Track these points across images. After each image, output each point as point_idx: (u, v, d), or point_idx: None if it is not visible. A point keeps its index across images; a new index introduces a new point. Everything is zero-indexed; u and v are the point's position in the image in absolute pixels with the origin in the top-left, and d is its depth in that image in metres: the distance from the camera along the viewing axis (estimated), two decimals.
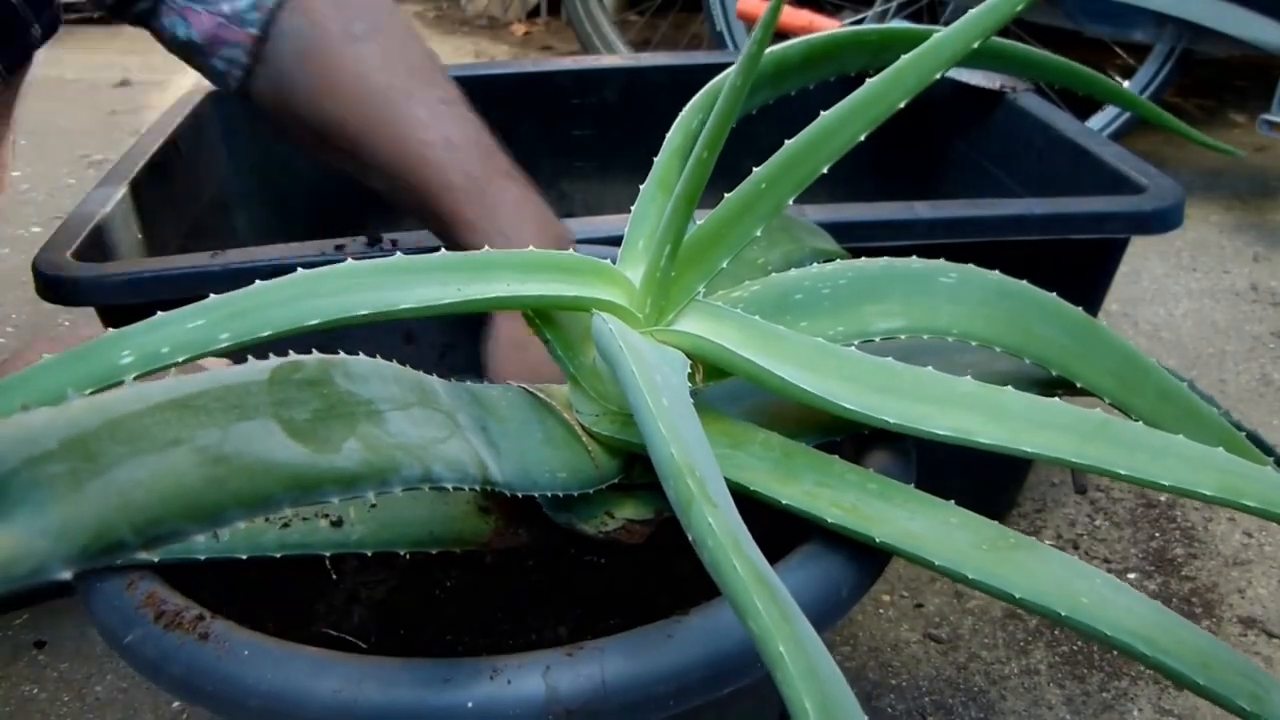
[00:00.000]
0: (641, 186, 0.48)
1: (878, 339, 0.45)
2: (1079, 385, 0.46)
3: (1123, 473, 0.36)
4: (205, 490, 0.25)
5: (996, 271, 0.46)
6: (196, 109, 0.96)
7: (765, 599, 0.27)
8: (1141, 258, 1.44)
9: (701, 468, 0.30)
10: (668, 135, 0.50)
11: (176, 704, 0.77)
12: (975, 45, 0.39)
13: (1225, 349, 1.23)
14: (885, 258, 0.47)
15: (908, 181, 1.06)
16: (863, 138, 0.39)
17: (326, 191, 1.07)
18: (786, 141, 0.39)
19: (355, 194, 1.05)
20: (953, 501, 0.40)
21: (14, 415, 0.23)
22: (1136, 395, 0.46)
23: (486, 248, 0.39)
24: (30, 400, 0.30)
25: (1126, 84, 1.66)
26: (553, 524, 0.44)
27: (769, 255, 0.53)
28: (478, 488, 0.35)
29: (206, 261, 0.66)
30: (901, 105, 0.39)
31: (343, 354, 0.34)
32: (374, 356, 0.35)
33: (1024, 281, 0.46)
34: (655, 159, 0.49)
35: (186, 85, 1.02)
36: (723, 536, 0.28)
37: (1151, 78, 1.65)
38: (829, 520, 0.38)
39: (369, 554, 0.40)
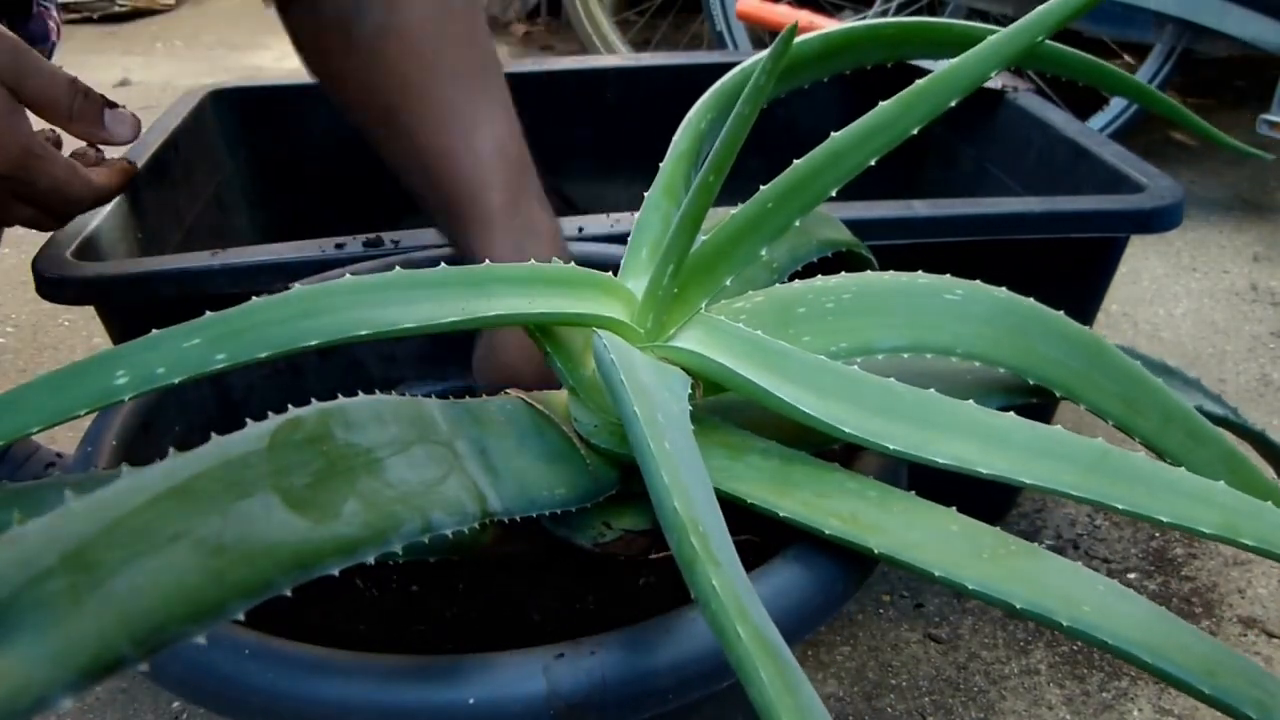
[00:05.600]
0: (646, 193, 0.47)
1: (880, 356, 0.44)
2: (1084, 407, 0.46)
3: (1121, 508, 0.36)
4: (205, 587, 0.24)
5: (1003, 289, 0.45)
6: (196, 109, 0.96)
7: (770, 670, 0.26)
8: (1141, 258, 1.44)
9: (705, 522, 0.30)
10: (674, 139, 0.49)
11: (177, 703, 0.77)
12: (993, 74, 0.39)
13: (1225, 349, 1.23)
14: (891, 271, 0.46)
15: (905, 179, 1.06)
16: (873, 162, 0.38)
17: (326, 191, 1.07)
18: (795, 161, 0.39)
19: (354, 193, 1.05)
20: (954, 508, 0.40)
21: (11, 530, 0.22)
22: (1141, 418, 0.45)
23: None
24: (29, 422, 0.29)
25: None
26: (550, 534, 0.44)
27: (774, 252, 0.51)
28: (476, 525, 0.34)
29: (207, 260, 0.66)
30: (914, 132, 0.38)
31: (341, 399, 0.33)
32: None
33: (1030, 299, 0.45)
34: (661, 165, 0.48)
35: (186, 85, 1.02)
36: (726, 600, 0.28)
37: (1151, 78, 1.65)
38: (826, 531, 0.38)
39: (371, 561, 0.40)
